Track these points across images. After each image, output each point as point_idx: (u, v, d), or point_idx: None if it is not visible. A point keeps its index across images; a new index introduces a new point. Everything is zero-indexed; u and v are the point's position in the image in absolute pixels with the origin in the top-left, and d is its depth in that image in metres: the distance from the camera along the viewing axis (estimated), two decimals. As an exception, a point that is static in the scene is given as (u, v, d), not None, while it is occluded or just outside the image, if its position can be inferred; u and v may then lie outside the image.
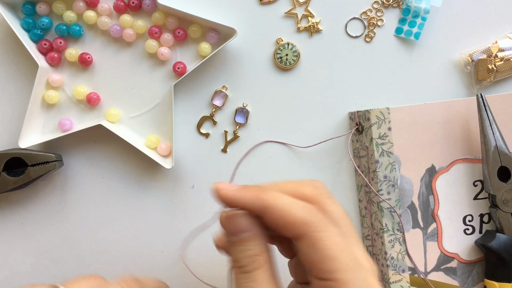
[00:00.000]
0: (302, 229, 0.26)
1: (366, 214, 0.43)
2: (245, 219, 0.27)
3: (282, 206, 0.26)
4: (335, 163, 0.44)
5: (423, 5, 0.43)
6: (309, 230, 0.26)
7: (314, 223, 0.26)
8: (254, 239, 0.27)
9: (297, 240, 0.26)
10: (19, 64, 0.42)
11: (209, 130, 0.44)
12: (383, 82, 0.44)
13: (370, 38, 0.44)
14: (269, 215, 0.26)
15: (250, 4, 0.43)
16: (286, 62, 0.43)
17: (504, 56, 0.44)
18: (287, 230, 0.26)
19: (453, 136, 0.41)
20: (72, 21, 0.41)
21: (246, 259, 0.27)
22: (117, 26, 0.41)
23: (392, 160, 0.40)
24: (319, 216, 0.26)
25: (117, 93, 0.43)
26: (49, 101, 0.41)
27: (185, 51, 0.43)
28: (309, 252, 0.26)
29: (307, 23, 0.44)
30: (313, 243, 0.25)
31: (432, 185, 0.41)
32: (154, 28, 0.41)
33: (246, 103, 0.43)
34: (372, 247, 0.43)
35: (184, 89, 0.43)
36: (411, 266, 0.41)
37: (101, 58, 0.43)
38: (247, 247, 0.27)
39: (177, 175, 0.44)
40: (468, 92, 0.45)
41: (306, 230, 0.26)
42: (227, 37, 0.42)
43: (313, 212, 0.26)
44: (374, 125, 0.40)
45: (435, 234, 0.41)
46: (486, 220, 0.42)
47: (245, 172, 0.44)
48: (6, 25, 0.40)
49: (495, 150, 0.39)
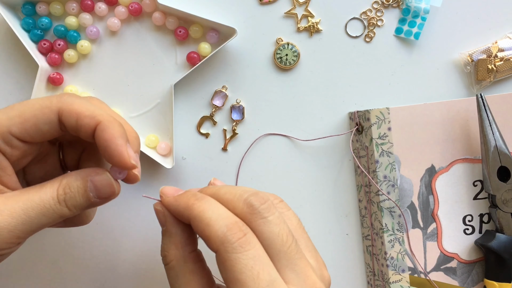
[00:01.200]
0: (217, 246, 0.25)
1: (366, 214, 0.43)
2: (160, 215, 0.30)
3: (206, 221, 0.26)
4: (336, 163, 0.44)
5: (423, 5, 0.43)
6: (221, 249, 0.25)
7: (229, 242, 0.25)
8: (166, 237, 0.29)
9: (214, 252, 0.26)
10: (19, 64, 0.42)
11: (209, 130, 0.44)
12: (383, 82, 0.44)
13: (370, 38, 0.44)
14: (194, 226, 0.27)
15: (250, 4, 0.43)
16: (286, 62, 0.43)
17: (504, 56, 0.44)
18: (207, 244, 0.26)
19: (453, 136, 0.41)
20: (72, 25, 0.41)
21: (162, 251, 0.29)
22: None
23: (392, 160, 0.40)
24: (238, 235, 0.25)
25: (117, 93, 0.43)
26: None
27: (185, 51, 0.43)
28: (220, 269, 0.26)
29: (307, 23, 0.44)
30: (223, 263, 0.25)
31: (432, 185, 0.41)
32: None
33: (239, 99, 0.44)
34: (372, 247, 0.43)
35: (184, 89, 0.43)
36: (411, 266, 0.41)
37: (101, 58, 0.43)
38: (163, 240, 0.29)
39: (177, 175, 0.44)
40: (468, 92, 0.45)
41: (219, 248, 0.25)
42: (227, 37, 0.42)
43: (233, 231, 0.25)
44: (374, 125, 0.40)
45: (435, 234, 0.41)
46: (486, 220, 0.42)
47: (246, 170, 0.44)
48: (6, 25, 0.40)
49: (495, 150, 0.39)
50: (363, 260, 0.45)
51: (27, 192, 0.28)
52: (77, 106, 0.28)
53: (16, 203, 0.27)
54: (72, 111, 0.28)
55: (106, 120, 0.28)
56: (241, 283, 0.25)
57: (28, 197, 0.27)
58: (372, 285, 0.44)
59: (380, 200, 0.40)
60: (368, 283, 0.44)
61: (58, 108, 0.28)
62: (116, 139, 0.28)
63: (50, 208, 0.27)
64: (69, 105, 0.28)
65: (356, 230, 0.45)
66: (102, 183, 0.29)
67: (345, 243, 0.45)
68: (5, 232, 0.26)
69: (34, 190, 0.28)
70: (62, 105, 0.28)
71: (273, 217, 0.27)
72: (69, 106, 0.28)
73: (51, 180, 0.29)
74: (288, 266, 0.26)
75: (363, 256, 0.45)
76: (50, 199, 0.27)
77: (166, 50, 0.43)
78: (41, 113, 0.28)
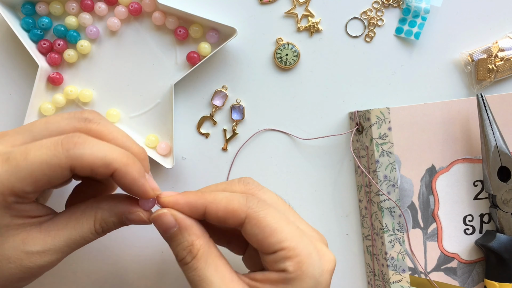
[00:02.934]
0: (244, 213, 0.29)
1: (366, 214, 0.43)
2: (169, 216, 0.30)
3: (222, 200, 0.29)
4: (336, 163, 0.44)
5: (423, 5, 0.43)
6: (250, 212, 0.29)
7: (253, 206, 0.29)
8: (184, 232, 0.29)
9: (242, 226, 0.29)
10: (19, 64, 0.42)
11: (209, 130, 0.44)
12: (383, 82, 0.44)
13: (370, 38, 0.44)
14: (212, 210, 0.29)
15: (250, 4, 0.43)
16: (286, 62, 0.43)
17: (504, 56, 0.44)
18: (231, 219, 0.29)
19: (453, 136, 0.41)
20: (72, 25, 0.41)
21: (182, 251, 0.29)
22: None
23: (392, 160, 0.40)
24: (255, 200, 0.29)
25: (117, 93, 0.43)
26: (57, 105, 0.42)
27: (185, 50, 0.43)
28: (255, 232, 0.28)
29: (307, 23, 0.44)
30: (256, 223, 0.28)
31: (432, 185, 0.41)
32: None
33: (239, 99, 0.43)
34: (372, 247, 0.43)
35: (184, 89, 0.43)
36: (412, 266, 0.41)
37: (101, 58, 0.43)
38: (179, 240, 0.29)
39: (177, 175, 0.44)
40: (468, 92, 0.45)
41: (247, 213, 0.28)
42: (227, 36, 0.42)
43: (249, 198, 0.29)
44: (374, 125, 0.40)
45: (435, 234, 0.41)
46: (486, 220, 0.42)
47: (246, 170, 0.44)
48: (6, 25, 0.40)
49: (495, 150, 0.39)
50: (363, 260, 0.45)
51: (65, 228, 0.29)
52: (88, 158, 0.27)
53: (57, 242, 0.29)
54: (85, 165, 0.27)
55: (122, 165, 0.28)
56: (282, 230, 0.28)
57: (69, 235, 0.29)
58: (372, 285, 0.44)
59: (380, 200, 0.40)
60: (369, 283, 0.44)
61: (69, 166, 0.27)
62: (137, 181, 0.28)
63: (89, 239, 0.30)
64: (80, 160, 0.27)
65: (356, 230, 0.45)
66: (135, 219, 0.30)
67: (345, 243, 0.45)
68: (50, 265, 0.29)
69: (72, 227, 0.29)
70: (73, 162, 0.27)
71: (266, 189, 0.32)
72: (80, 161, 0.27)
73: (84, 213, 0.30)
74: (297, 220, 0.31)
75: (363, 256, 0.45)
76: (89, 234, 0.30)
77: (166, 50, 0.43)
78: (52, 171, 0.27)
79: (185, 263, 0.29)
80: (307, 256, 0.28)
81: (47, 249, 0.28)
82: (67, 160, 0.27)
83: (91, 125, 0.29)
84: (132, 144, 0.30)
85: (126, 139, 0.30)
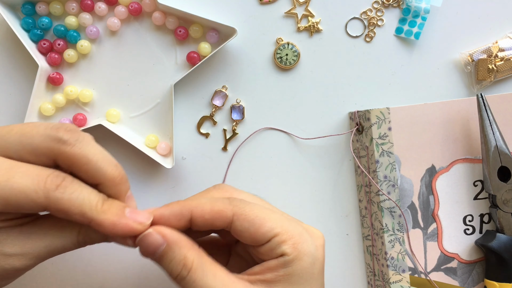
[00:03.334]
0: (231, 211, 0.29)
1: (366, 214, 0.43)
2: (154, 235, 0.28)
3: (207, 203, 0.30)
4: (336, 163, 0.44)
5: (423, 5, 0.43)
6: (236, 209, 0.29)
7: (237, 203, 0.30)
8: (174, 247, 0.28)
9: (231, 225, 0.29)
10: (19, 64, 0.42)
11: (209, 130, 0.44)
12: (383, 82, 0.44)
13: (370, 38, 0.44)
14: (198, 214, 0.29)
15: (250, 4, 0.43)
16: (286, 62, 0.43)
17: (505, 56, 0.44)
18: (218, 220, 0.29)
19: (453, 136, 0.41)
20: (72, 25, 0.41)
21: (176, 267, 0.28)
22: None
23: (392, 160, 0.40)
24: (238, 199, 0.30)
25: (117, 93, 0.43)
26: (57, 105, 0.42)
27: (185, 50, 0.43)
28: (245, 226, 0.29)
29: (307, 23, 0.44)
30: (245, 217, 0.29)
31: (432, 185, 0.41)
32: (154, 28, 0.41)
33: (239, 99, 0.43)
34: (372, 247, 0.43)
35: (184, 89, 0.43)
36: (412, 266, 0.41)
37: (101, 58, 0.43)
38: (171, 256, 0.28)
39: (177, 175, 0.44)
40: (468, 92, 0.45)
41: (233, 210, 0.29)
42: (227, 36, 0.42)
43: (231, 198, 0.30)
44: (374, 125, 0.40)
45: (435, 234, 0.41)
46: (486, 220, 0.42)
47: (246, 169, 0.44)
48: (6, 25, 0.40)
49: (495, 150, 0.39)
50: (363, 260, 0.45)
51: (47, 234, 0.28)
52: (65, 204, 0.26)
53: (37, 247, 0.28)
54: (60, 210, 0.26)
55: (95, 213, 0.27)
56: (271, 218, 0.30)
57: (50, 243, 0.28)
58: (372, 285, 0.44)
59: (380, 200, 0.40)
60: (369, 283, 0.44)
61: (45, 206, 0.26)
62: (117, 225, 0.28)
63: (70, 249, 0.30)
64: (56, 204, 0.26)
65: (356, 230, 0.45)
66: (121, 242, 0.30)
67: (345, 243, 0.45)
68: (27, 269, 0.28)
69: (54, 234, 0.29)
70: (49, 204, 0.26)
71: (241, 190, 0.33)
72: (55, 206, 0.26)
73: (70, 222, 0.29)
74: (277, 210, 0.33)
75: (363, 256, 0.45)
76: (71, 244, 0.29)
77: (166, 50, 0.43)
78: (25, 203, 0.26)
79: (182, 278, 0.28)
80: (300, 236, 0.29)
81: (26, 252, 0.28)
82: (45, 200, 0.26)
83: (65, 148, 0.27)
84: (107, 169, 0.28)
85: (100, 163, 0.28)
